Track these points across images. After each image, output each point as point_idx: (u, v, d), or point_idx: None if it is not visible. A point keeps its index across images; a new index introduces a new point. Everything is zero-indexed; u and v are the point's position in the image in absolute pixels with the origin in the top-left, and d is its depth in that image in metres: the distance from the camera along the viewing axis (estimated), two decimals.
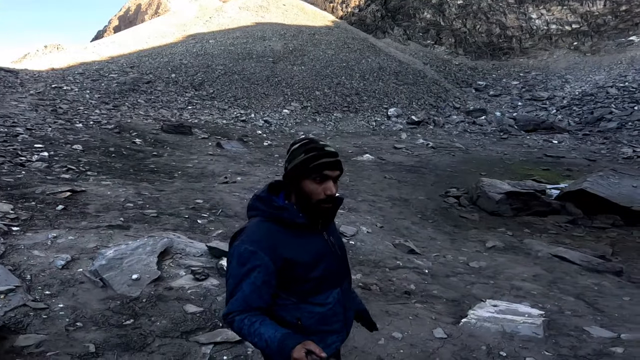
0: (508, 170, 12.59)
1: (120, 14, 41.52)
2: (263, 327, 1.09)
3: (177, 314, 1.99)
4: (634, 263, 4.79)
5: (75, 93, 17.02)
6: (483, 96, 23.37)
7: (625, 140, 15.81)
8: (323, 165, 1.17)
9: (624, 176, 7.38)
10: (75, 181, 5.71)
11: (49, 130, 10.48)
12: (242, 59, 23.52)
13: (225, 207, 4.92)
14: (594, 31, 23.60)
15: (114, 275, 2.31)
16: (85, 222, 3.55)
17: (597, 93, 19.84)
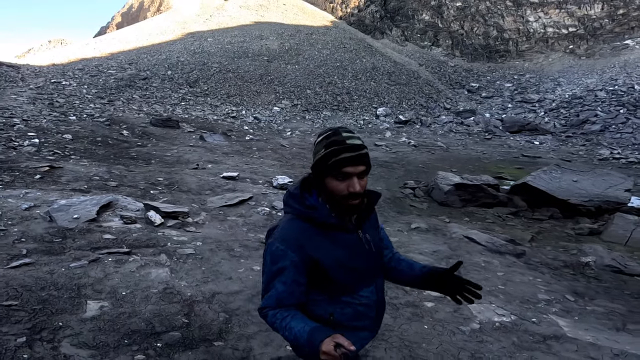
0: (481, 168, 13.34)
1: (123, 11, 43.03)
2: (294, 321, 1.13)
3: (95, 238, 2.87)
4: (543, 249, 5.53)
5: (73, 88, 18.16)
6: (475, 98, 24.07)
7: (606, 143, 16.43)
8: (344, 162, 1.13)
9: (566, 171, 8.12)
10: (57, 161, 6.68)
11: (43, 122, 11.51)
12: (238, 57, 24.55)
13: (182, 184, 5.84)
14: (590, 34, 24.18)
15: (60, 214, 3.21)
16: (55, 186, 4.48)
17: (586, 96, 20.45)
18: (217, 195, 5.44)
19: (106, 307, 1.92)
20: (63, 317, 1.79)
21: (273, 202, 5.23)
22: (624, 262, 4.81)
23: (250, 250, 3.23)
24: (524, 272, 4.28)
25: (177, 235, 3.36)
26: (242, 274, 2.58)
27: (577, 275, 4.42)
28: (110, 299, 2.01)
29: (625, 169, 13.60)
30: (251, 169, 8.57)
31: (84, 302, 1.93)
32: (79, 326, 1.74)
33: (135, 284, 2.20)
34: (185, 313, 1.96)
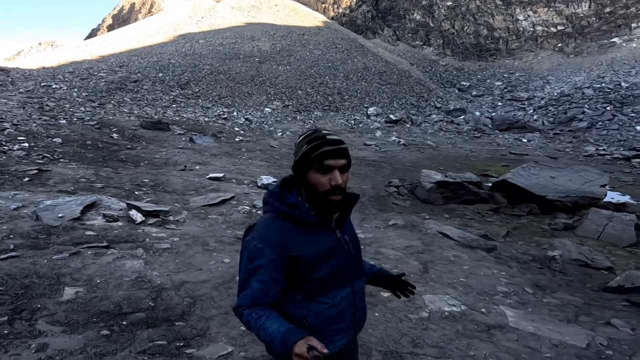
0: (469, 165, 13.65)
1: (114, 13, 43.08)
2: (268, 321, 1.14)
3: (78, 235, 3.10)
4: (515, 244, 5.77)
5: (64, 91, 18.29)
6: (465, 96, 24.43)
7: (592, 139, 16.82)
8: (325, 155, 1.17)
9: (544, 168, 8.42)
10: (46, 165, 6.88)
11: (33, 126, 11.67)
12: (229, 59, 24.76)
13: (167, 185, 6.07)
14: (578, 33, 24.64)
15: (45, 214, 3.43)
16: (42, 188, 4.69)
17: (574, 94, 20.86)
18: (200, 196, 5.67)
19: (81, 292, 2.16)
20: (41, 301, 2.03)
21: (254, 201, 5.46)
22: (591, 256, 5.08)
23: (225, 245, 3.47)
24: (490, 265, 4.53)
25: (156, 232, 3.60)
26: (212, 266, 2.82)
27: (544, 269, 4.68)
28: (86, 285, 2.25)
29: (610, 164, 13.97)
30: (238, 169, 8.80)
31: (61, 288, 2.17)
32: (54, 307, 1.98)
33: (110, 273, 2.44)
34: (153, 298, 2.20)
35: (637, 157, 13.90)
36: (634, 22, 23.05)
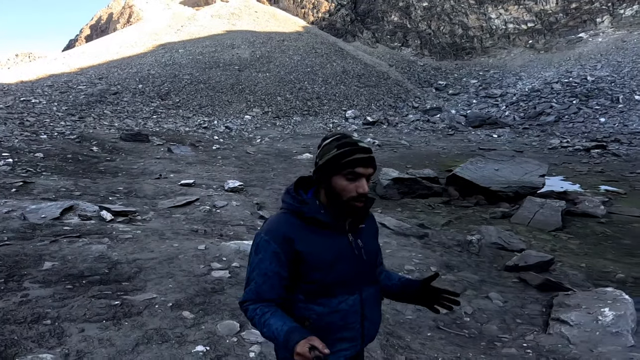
0: (438, 162, 14.69)
1: (92, 23, 43.71)
2: (272, 319, 1.15)
3: (57, 230, 3.95)
4: (447, 231, 6.55)
5: (43, 106, 19.00)
6: (443, 95, 25.62)
7: (558, 133, 18.02)
8: (356, 162, 1.18)
9: (490, 161, 9.44)
10: (30, 178, 7.70)
11: (15, 142, 12.42)
12: (209, 68, 25.66)
13: (139, 192, 6.93)
14: (547, 29, 26.05)
15: (31, 215, 4.29)
16: (28, 197, 5.54)
17: (544, 89, 22.13)
18: (168, 199, 6.55)
19: (56, 264, 3.03)
20: (28, 270, 2.90)
21: (215, 202, 6.35)
22: (508, 240, 5.99)
23: (179, 235, 4.35)
24: (414, 249, 5.43)
25: (123, 227, 4.46)
26: (163, 249, 3.69)
27: (463, 252, 5.58)
28: (60, 260, 3.11)
29: (571, 155, 15.11)
30: (210, 176, 9.67)
31: (42, 262, 3.03)
32: (36, 274, 2.85)
33: (79, 253, 3.30)
34: (109, 268, 3.07)
35: (596, 147, 15.06)
36: (599, 17, 24.51)
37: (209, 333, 2.19)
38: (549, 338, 2.80)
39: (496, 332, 2.96)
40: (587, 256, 5.60)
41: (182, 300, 2.59)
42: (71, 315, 2.24)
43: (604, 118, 18.26)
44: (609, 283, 4.48)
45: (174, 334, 2.15)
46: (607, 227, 6.97)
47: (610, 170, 12.34)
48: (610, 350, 2.50)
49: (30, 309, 2.29)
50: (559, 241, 6.28)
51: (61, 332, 2.08)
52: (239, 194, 7.58)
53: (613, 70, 21.58)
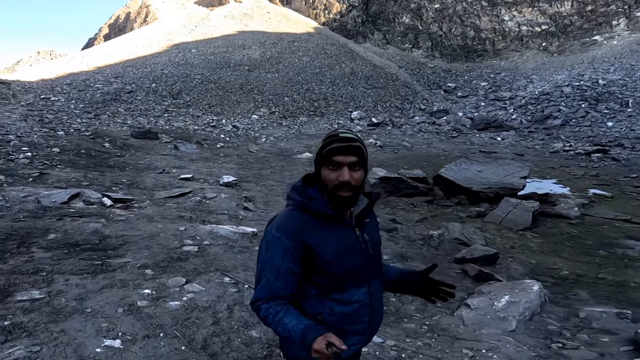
0: (435, 164, 15.15)
1: (110, 22, 45.64)
2: (287, 317, 1.18)
3: (64, 211, 4.79)
4: (417, 227, 7.03)
5: (62, 103, 20.35)
6: (451, 97, 25.92)
7: (564, 136, 18.18)
8: (333, 151, 1.23)
9: (474, 163, 9.94)
10: (46, 170, 8.69)
11: (34, 137, 13.59)
12: (220, 68, 26.72)
13: (140, 184, 7.79)
14: (561, 31, 26.01)
15: (44, 199, 5.15)
16: (42, 185, 6.45)
17: (554, 92, 22.22)
18: (165, 191, 7.39)
19: (58, 236, 3.84)
20: (35, 239, 3.71)
21: (206, 193, 7.14)
22: (469, 236, 6.51)
23: (166, 220, 5.12)
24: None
25: (119, 212, 5.28)
26: (148, 229, 4.45)
27: (424, 245, 6.18)
28: (62, 233, 3.92)
29: (571, 159, 15.34)
30: (209, 171, 10.51)
31: (48, 234, 3.85)
32: (42, 242, 3.67)
33: (78, 228, 4.10)
34: (99, 240, 3.85)
35: (596, 152, 15.25)
36: (615, 20, 24.37)
37: (160, 284, 2.92)
38: (450, 319, 3.34)
39: (411, 312, 3.52)
40: (542, 254, 6.10)
41: (149, 264, 3.33)
42: (61, 270, 3.01)
43: (612, 122, 18.32)
44: (546, 278, 4.99)
45: (133, 283, 2.89)
46: (575, 228, 7.42)
47: (605, 175, 12.60)
48: (489, 333, 3.01)
49: (33, 265, 3.08)
50: (522, 239, 6.79)
51: (51, 280, 2.86)
52: (232, 188, 8.37)
53: (626, 73, 21.49)
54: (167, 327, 2.33)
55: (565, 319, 3.31)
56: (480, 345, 2.75)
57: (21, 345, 1.98)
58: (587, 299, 3.97)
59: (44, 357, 1.93)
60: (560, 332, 3.04)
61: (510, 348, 2.70)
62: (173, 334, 2.26)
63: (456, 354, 2.63)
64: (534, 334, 3.01)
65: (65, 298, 2.58)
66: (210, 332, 2.29)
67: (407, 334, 2.93)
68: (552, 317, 3.34)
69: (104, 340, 2.11)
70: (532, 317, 3.24)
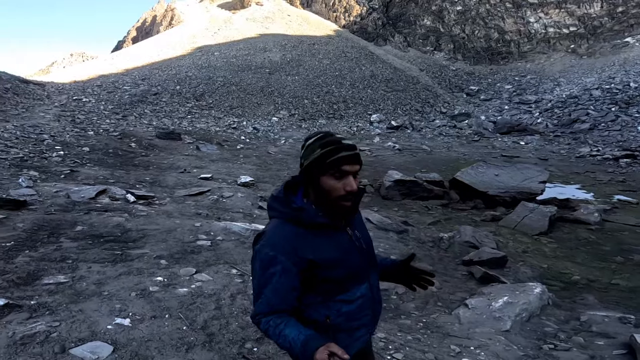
0: (454, 168, 15.00)
1: (137, 25, 47.40)
2: (287, 329, 1.18)
3: (91, 206, 5.16)
4: (429, 230, 7.05)
5: (92, 104, 21.37)
6: (474, 101, 25.53)
7: (592, 141, 17.61)
8: (342, 160, 1.20)
9: (491, 167, 9.85)
10: (76, 168, 9.25)
11: (67, 137, 14.38)
12: (242, 71, 27.34)
13: (162, 182, 8.18)
14: (591, 33, 25.17)
15: (73, 194, 5.55)
16: (72, 182, 6.93)
17: (582, 95, 21.55)
18: (185, 189, 7.74)
19: (85, 228, 4.18)
20: (64, 230, 4.06)
21: (223, 192, 7.44)
22: (481, 239, 6.48)
23: (183, 216, 5.41)
24: (387, 242, 6.10)
25: (141, 208, 5.62)
26: (166, 223, 4.74)
27: (434, 247, 6.23)
28: (88, 226, 4.26)
29: (598, 165, 14.87)
30: (228, 172, 10.86)
31: (75, 226, 4.20)
32: (70, 233, 4.01)
33: (102, 222, 4.44)
34: (121, 232, 4.15)
35: (625, 157, 14.73)
36: None
37: (172, 272, 3.17)
38: (447, 317, 3.41)
39: (410, 309, 3.61)
40: (555, 258, 6.05)
41: (165, 255, 3.59)
42: (86, 258, 3.31)
43: None
44: (556, 282, 4.97)
45: (148, 271, 3.15)
46: (593, 234, 7.27)
47: (632, 180, 12.18)
48: (483, 331, 3.05)
49: (60, 254, 3.40)
50: (535, 244, 6.73)
51: (75, 267, 3.16)
52: (249, 188, 8.65)
53: None
54: (172, 310, 2.56)
55: (564, 322, 3.33)
56: (470, 343, 2.83)
57: (43, 321, 2.25)
58: (594, 304, 3.95)
59: (61, 331, 2.19)
60: (556, 334, 3.08)
61: (499, 347, 2.76)
62: (177, 315, 2.49)
63: (443, 349, 2.73)
64: (528, 334, 3.06)
65: (86, 282, 2.87)
66: (211, 315, 2.51)
67: (401, 329, 3.04)
68: (551, 319, 3.37)
69: (116, 318, 2.36)
70: (529, 318, 3.27)
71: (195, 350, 2.17)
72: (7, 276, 2.88)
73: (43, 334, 2.11)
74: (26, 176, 6.56)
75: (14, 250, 3.39)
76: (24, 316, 2.32)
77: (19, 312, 2.36)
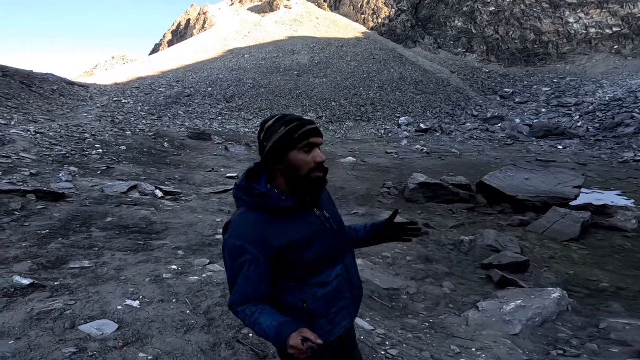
0: (484, 172, 14.44)
1: (173, 29, 49.38)
2: (262, 317, 1.20)
3: (122, 200, 5.48)
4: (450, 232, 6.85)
5: (131, 106, 22.49)
6: (508, 104, 24.66)
7: (636, 146, 16.55)
8: (308, 133, 1.23)
9: (521, 170, 9.48)
10: (112, 165, 9.81)
11: (106, 136, 15.21)
12: (271, 73, 27.85)
13: (190, 180, 8.51)
14: (636, 34, 23.67)
15: (107, 189, 5.92)
16: (108, 177, 7.37)
17: (627, 98, 20.32)
18: (211, 187, 8.01)
19: (114, 220, 4.45)
20: (95, 221, 4.35)
21: None
22: (504, 244, 6.24)
23: (207, 212, 5.62)
24: (406, 244, 6.06)
25: (168, 203, 5.89)
26: (190, 218, 4.94)
27: (454, 250, 6.09)
28: (117, 217, 4.54)
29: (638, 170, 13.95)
30: None
31: (106, 217, 4.49)
32: (100, 224, 4.29)
33: (131, 214, 4.71)
34: (147, 225, 4.39)
35: None
36: None
37: (187, 262, 3.32)
38: (455, 319, 3.31)
39: (419, 310, 3.55)
40: (584, 265, 5.76)
41: (183, 246, 3.77)
42: (111, 247, 3.54)
43: None
44: (580, 289, 4.74)
45: (165, 260, 3.32)
46: (629, 241, 6.86)
47: None
48: (489, 334, 2.93)
49: (89, 242, 3.65)
50: (564, 250, 6.42)
51: (101, 254, 3.39)
52: None
53: None
54: (180, 295, 2.70)
55: (581, 329, 3.18)
56: (472, 345, 2.76)
57: (61, 300, 2.45)
58: (619, 312, 3.74)
59: (75, 309, 2.37)
60: (568, 341, 2.94)
61: (502, 350, 2.68)
62: (184, 301, 2.63)
63: (442, 349, 2.68)
64: (538, 339, 2.94)
65: (107, 268, 3.07)
66: (216, 302, 2.63)
67: (404, 327, 3.01)
68: (568, 325, 3.22)
69: (127, 300, 2.52)
70: (543, 323, 3.14)
71: (193, 332, 2.29)
72: (38, 260, 3.13)
73: (58, 311, 2.30)
74: (66, 171, 7.03)
75: (48, 238, 3.67)
76: (46, 295, 2.53)
77: (42, 291, 2.58)
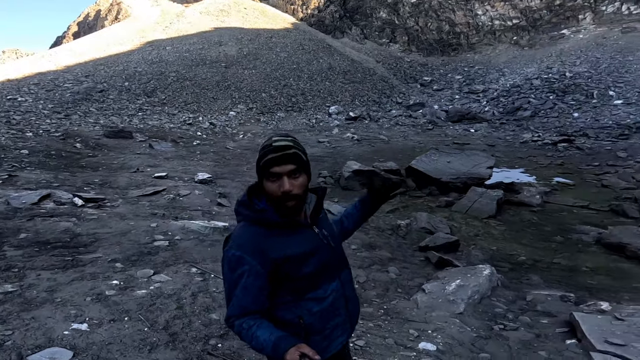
0: (410, 156, 15.46)
1: (79, 20, 44.33)
2: (259, 331, 1.20)
3: (34, 212, 4.88)
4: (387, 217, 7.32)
5: (29, 104, 19.82)
6: (427, 91, 26.52)
7: (533, 127, 18.96)
8: (269, 163, 1.23)
9: (443, 154, 10.37)
10: (15, 172, 8.61)
11: (2, 140, 13.27)
12: (196, 65, 26.47)
13: (113, 183, 7.83)
14: (531, 26, 26.94)
15: (14, 200, 5.19)
16: (12, 187, 6.46)
17: (524, 85, 23.06)
18: (139, 189, 7.47)
19: (29, 235, 3.96)
20: (7, 239, 3.82)
21: (180, 191, 7.27)
22: (436, 225, 6.83)
23: (138, 217, 5.25)
24: None
25: (91, 211, 5.38)
26: (120, 226, 4.60)
27: (392, 235, 6.49)
28: (33, 232, 4.04)
29: (539, 149, 16.06)
30: (184, 169, 10.58)
31: (19, 233, 3.97)
32: (13, 241, 3.78)
33: (50, 228, 4.22)
34: (71, 238, 3.99)
35: (562, 141, 16.02)
36: (581, 14, 25.43)
37: (129, 275, 3.12)
38: (406, 303, 3.62)
39: (371, 297, 3.79)
40: (504, 240, 6.52)
41: (120, 258, 3.51)
42: (33, 266, 3.16)
43: (577, 113, 19.22)
44: (504, 264, 5.37)
45: (102, 275, 3.08)
46: (536, 215, 7.90)
47: (570, 163, 13.30)
48: (439, 315, 3.27)
49: (4, 263, 3.21)
50: (486, 227, 7.21)
51: (23, 275, 3.01)
52: (207, 185, 8.51)
53: (591, 66, 22.52)
54: (132, 312, 2.54)
55: (512, 302, 3.64)
56: (427, 327, 3.04)
57: None
58: (539, 283, 4.34)
59: (16, 339, 2.12)
60: (505, 315, 3.36)
61: (454, 329, 2.99)
62: (137, 317, 2.48)
63: (403, 334, 2.91)
64: (480, 316, 3.32)
65: (37, 290, 2.76)
66: (173, 315, 2.52)
67: (363, 316, 3.19)
68: (501, 300, 3.67)
69: (72, 324, 2.31)
70: (481, 300, 3.54)
71: (158, 350, 2.18)
72: None
73: None
74: None
75: None
76: None
77: None
